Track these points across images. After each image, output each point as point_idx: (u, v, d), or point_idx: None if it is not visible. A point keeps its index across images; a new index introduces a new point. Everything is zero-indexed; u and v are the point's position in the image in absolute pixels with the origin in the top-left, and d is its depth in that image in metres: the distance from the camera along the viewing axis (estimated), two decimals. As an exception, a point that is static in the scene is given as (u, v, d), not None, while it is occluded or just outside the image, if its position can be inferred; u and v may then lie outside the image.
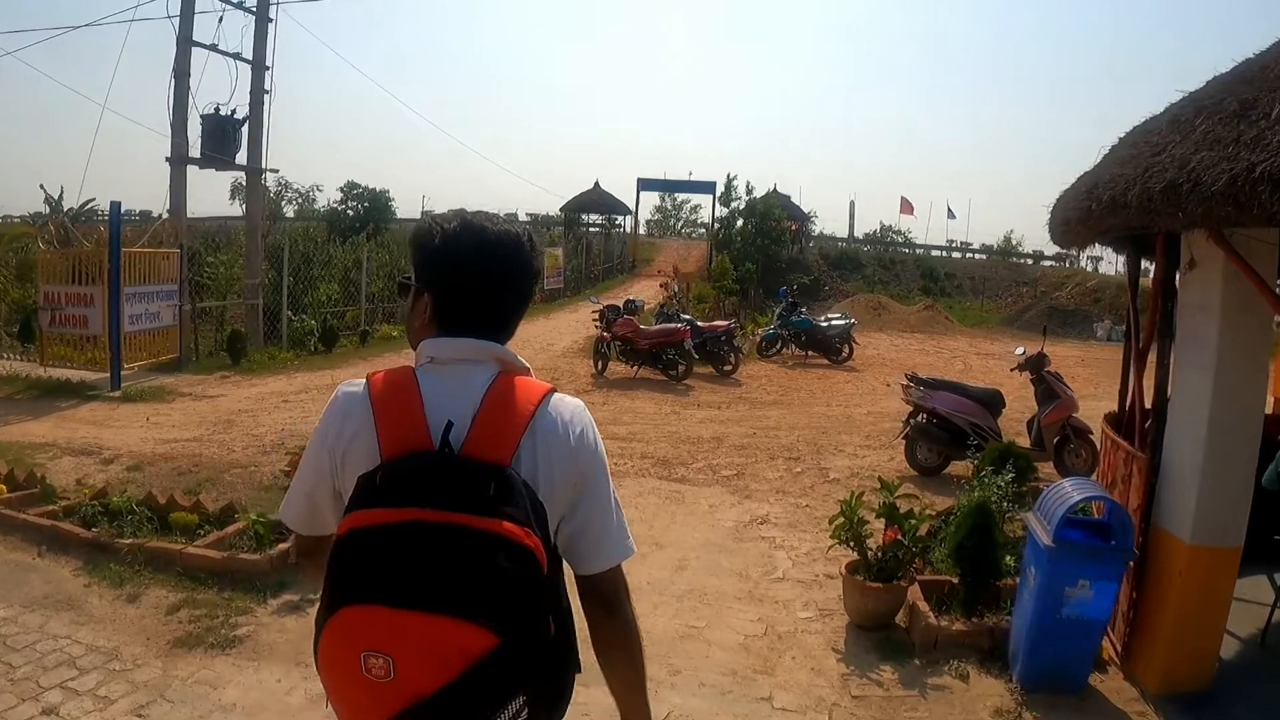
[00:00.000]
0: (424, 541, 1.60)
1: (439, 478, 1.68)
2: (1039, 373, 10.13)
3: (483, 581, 1.60)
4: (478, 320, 1.93)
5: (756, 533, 7.51)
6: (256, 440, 10.32)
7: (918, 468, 9.82)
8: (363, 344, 20.41)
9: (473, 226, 1.93)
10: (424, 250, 1.95)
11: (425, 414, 1.80)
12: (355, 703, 1.65)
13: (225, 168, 19.81)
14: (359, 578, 1.60)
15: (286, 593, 5.83)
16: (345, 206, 50.93)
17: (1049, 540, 4.91)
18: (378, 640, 1.57)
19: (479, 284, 1.93)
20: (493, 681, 1.61)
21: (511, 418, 1.82)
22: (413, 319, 1.98)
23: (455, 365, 1.89)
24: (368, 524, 1.63)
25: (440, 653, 1.57)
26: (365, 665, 1.58)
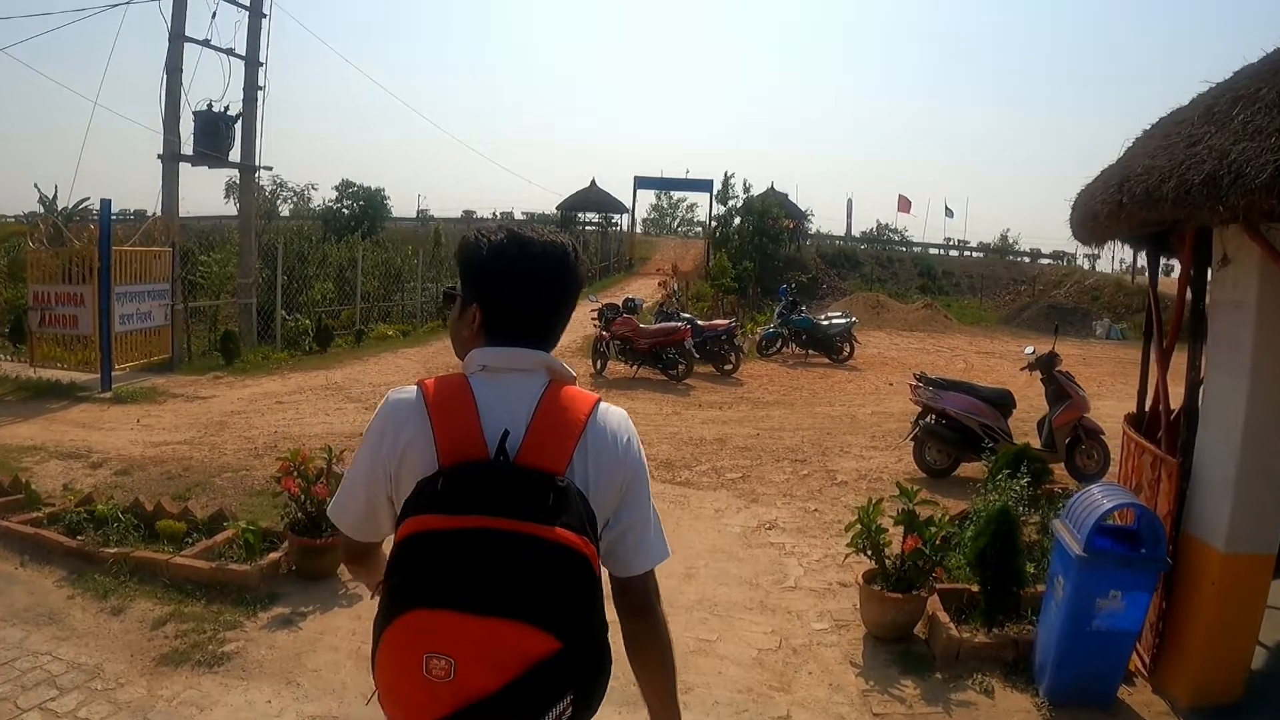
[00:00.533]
0: (489, 548, 1.66)
1: (502, 486, 1.73)
2: (1050, 372, 9.89)
3: (545, 588, 1.67)
4: (526, 329, 1.97)
5: (765, 538, 7.27)
6: (249, 443, 10.07)
7: (927, 469, 9.59)
8: (358, 343, 20.15)
9: (519, 238, 1.97)
10: (472, 262, 1.99)
11: (480, 421, 1.85)
12: (411, 701, 1.70)
13: (218, 165, 19.56)
14: (425, 582, 1.67)
15: (277, 605, 5.58)
16: (340, 205, 50.66)
17: (1080, 550, 4.68)
18: (442, 643, 1.64)
19: (527, 294, 1.97)
20: (548, 683, 1.68)
21: (565, 427, 1.87)
22: (460, 328, 2.03)
23: (507, 374, 1.93)
24: (431, 529, 1.69)
25: (502, 656, 1.64)
26: (427, 666, 1.65)
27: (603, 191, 54.25)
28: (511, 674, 1.65)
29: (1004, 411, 9.71)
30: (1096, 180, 5.55)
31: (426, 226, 54.52)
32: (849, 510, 8.11)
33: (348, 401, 12.92)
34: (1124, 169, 5.03)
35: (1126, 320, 39.26)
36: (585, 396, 1.95)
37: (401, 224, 56.96)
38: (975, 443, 9.43)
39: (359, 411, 12.09)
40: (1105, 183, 5.21)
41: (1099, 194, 5.21)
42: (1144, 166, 4.73)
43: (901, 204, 58.86)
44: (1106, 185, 5.14)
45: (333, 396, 13.37)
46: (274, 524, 6.28)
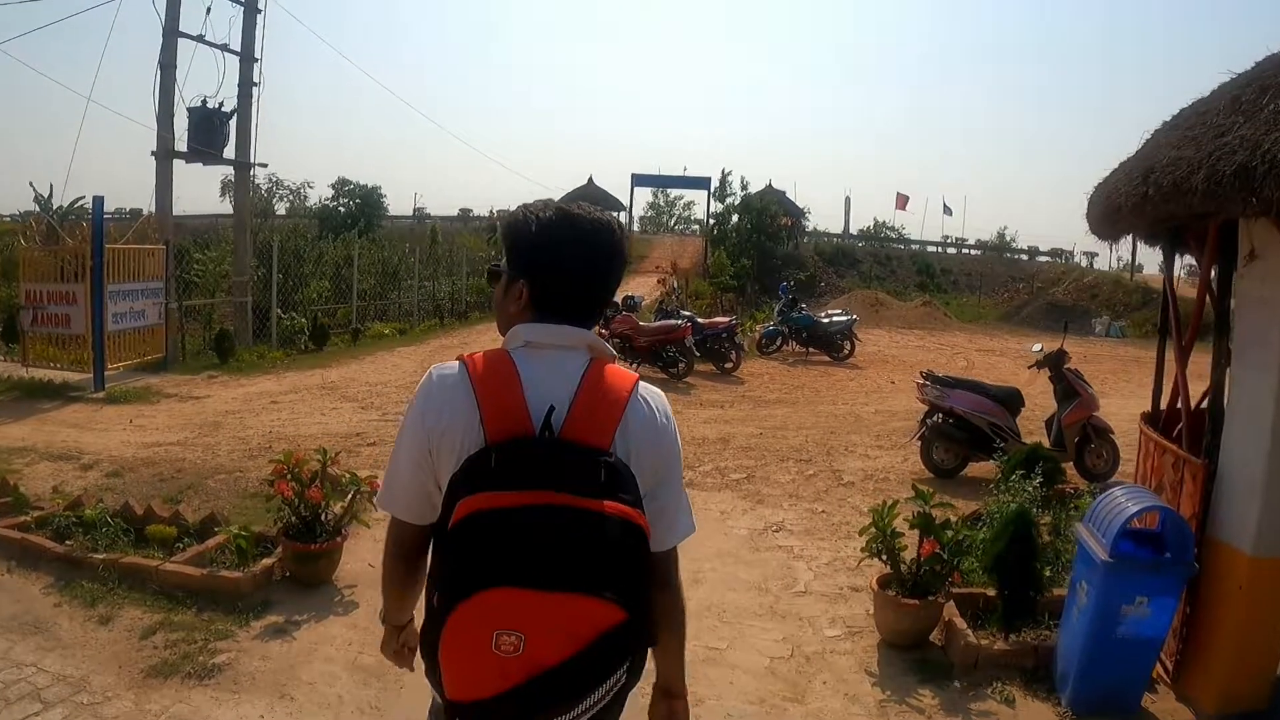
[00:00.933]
0: (552, 524, 1.68)
1: (556, 462, 1.76)
2: (1058, 370, 9.73)
3: (609, 560, 1.71)
4: (571, 306, 1.99)
5: (773, 541, 7.09)
6: (242, 443, 9.88)
7: (934, 469, 9.41)
8: (354, 342, 19.99)
9: (569, 214, 1.98)
10: (520, 238, 2.00)
11: (525, 397, 1.86)
12: (475, 676, 1.71)
13: (212, 162, 19.37)
14: (491, 560, 1.67)
15: (270, 614, 5.37)
16: (337, 203, 50.47)
17: (1105, 555, 4.51)
18: (512, 620, 1.65)
19: (575, 271, 1.98)
20: (611, 652, 1.73)
21: (608, 404, 1.90)
22: (506, 304, 2.04)
23: (551, 350, 1.95)
24: (490, 506, 1.70)
25: (571, 628, 1.67)
26: (496, 643, 1.66)
27: (600, 189, 54.07)
28: (580, 644, 1.69)
29: (1012, 410, 9.55)
30: (1116, 173, 5.37)
31: (423, 225, 54.39)
32: (857, 512, 7.96)
33: (344, 401, 12.74)
34: (1147, 161, 4.85)
35: (1126, 318, 39.19)
36: (626, 375, 1.99)
37: (398, 222, 56.87)
38: (984, 442, 9.26)
39: (355, 411, 11.91)
40: (1128, 175, 5.02)
41: (1121, 187, 5.03)
42: (1170, 158, 4.56)
43: (899, 201, 58.76)
44: (1129, 178, 4.96)
45: (328, 396, 13.19)
46: (267, 528, 6.07)
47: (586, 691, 1.75)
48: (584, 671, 1.72)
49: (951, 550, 5.30)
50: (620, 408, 1.91)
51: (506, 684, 1.69)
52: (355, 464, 8.88)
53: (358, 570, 6.01)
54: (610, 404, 1.90)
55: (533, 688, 1.70)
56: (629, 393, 1.95)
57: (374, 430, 10.61)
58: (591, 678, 1.74)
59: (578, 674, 1.72)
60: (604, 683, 1.76)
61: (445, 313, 26.30)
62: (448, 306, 27.24)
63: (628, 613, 1.72)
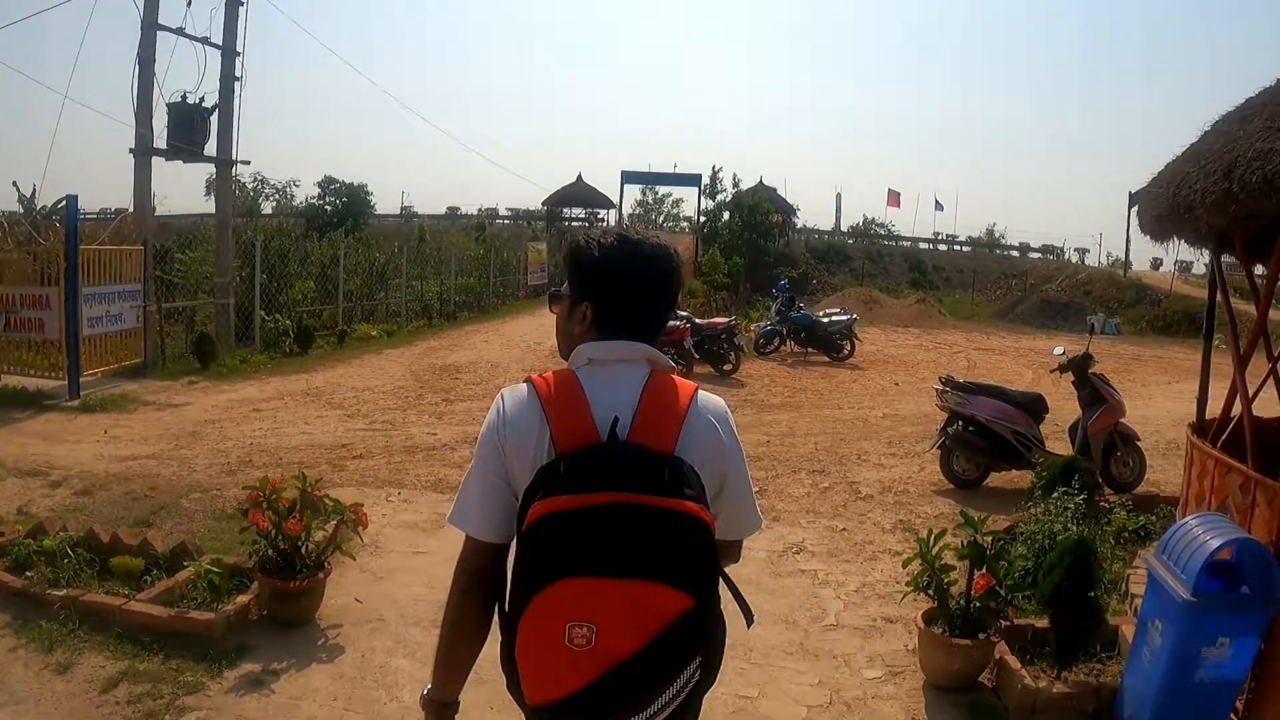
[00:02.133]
0: (619, 519, 1.77)
1: (621, 464, 1.84)
2: (1083, 374, 9.22)
3: (675, 551, 1.79)
4: (634, 325, 2.09)
5: (794, 564, 6.57)
6: (221, 456, 9.32)
7: (954, 480, 8.91)
8: (340, 344, 19.37)
9: (630, 241, 2.11)
10: (584, 263, 2.12)
11: (591, 411, 1.95)
12: (553, 675, 1.80)
13: (193, 159, 18.71)
14: (563, 555, 1.77)
15: (246, 661, 4.80)
16: (323, 202, 49.74)
17: (1187, 594, 4.01)
18: (584, 611, 1.75)
19: (637, 292, 2.10)
20: (681, 642, 1.80)
21: (669, 412, 1.99)
22: (571, 326, 2.15)
23: (613, 365, 2.05)
24: (562, 509, 1.79)
25: (641, 617, 1.76)
26: (569, 636, 1.75)
27: (589, 186, 53.50)
28: (649, 635, 1.76)
29: (1036, 417, 9.04)
30: (1184, 169, 4.87)
31: (411, 223, 53.85)
32: (879, 529, 7.47)
33: (329, 409, 12.16)
34: (1227, 155, 4.35)
35: (1120, 314, 38.86)
36: (686, 385, 2.09)
37: (385, 221, 56.31)
38: (1007, 451, 8.77)
39: (340, 419, 11.35)
40: (1203, 170, 4.52)
41: (1195, 183, 4.53)
42: (1257, 151, 4.07)
43: (891, 198, 58.55)
44: (1206, 173, 4.47)
45: (313, 403, 12.62)
46: (243, 558, 5.50)
47: (660, 687, 1.82)
48: (656, 664, 1.79)
49: (1009, 585, 4.77)
50: (681, 414, 2.00)
51: (583, 680, 1.77)
52: (341, 479, 8.35)
53: (342, 607, 5.48)
54: (671, 411, 1.99)
55: (607, 683, 1.77)
56: (689, 401, 2.03)
57: (361, 441, 10.06)
58: (664, 671, 1.81)
59: (650, 667, 1.79)
60: (677, 677, 1.83)
61: (434, 313, 25.68)
62: (436, 307, 26.61)
63: (694, 599, 1.79)
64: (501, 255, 34.17)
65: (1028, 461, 8.88)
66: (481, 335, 22.27)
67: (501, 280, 33.26)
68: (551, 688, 1.81)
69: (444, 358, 17.85)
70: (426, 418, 11.67)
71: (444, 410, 12.22)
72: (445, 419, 11.59)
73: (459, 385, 14.46)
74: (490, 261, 31.89)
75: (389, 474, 8.65)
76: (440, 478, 8.58)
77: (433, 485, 8.32)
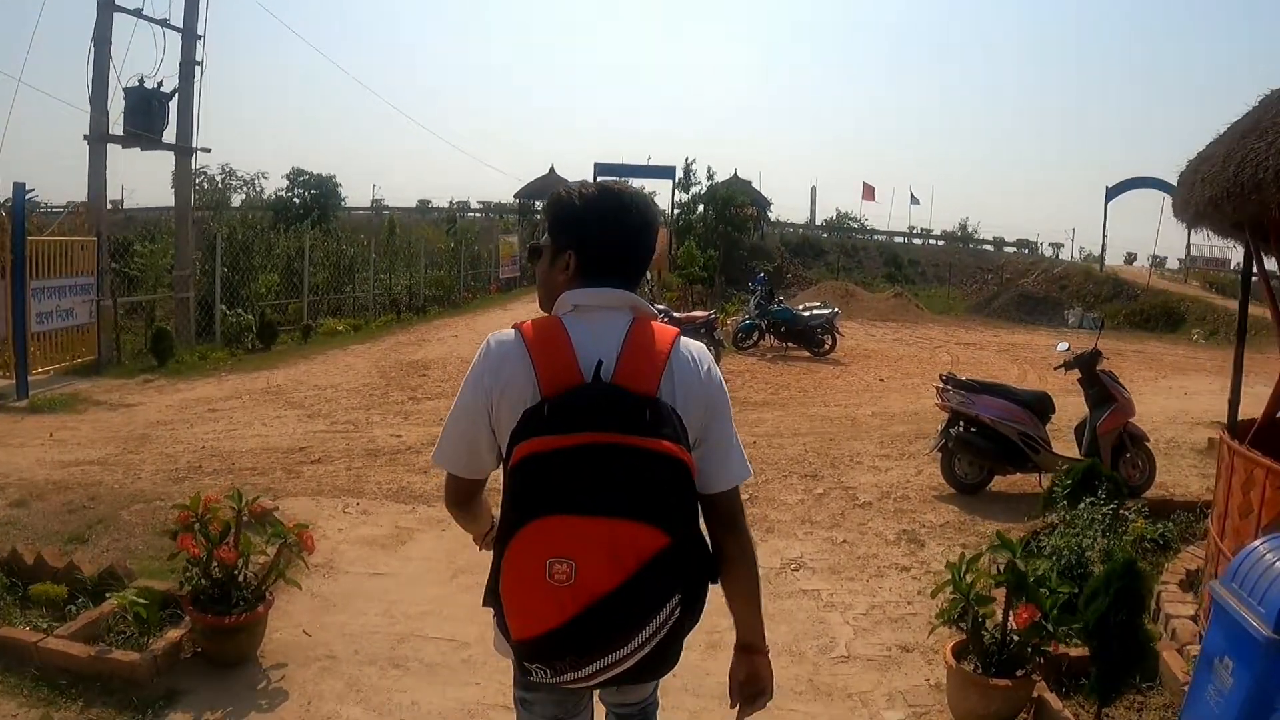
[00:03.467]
0: (598, 459, 1.86)
1: (603, 406, 1.93)
2: (1091, 372, 8.68)
3: (652, 489, 1.88)
4: (617, 270, 2.17)
5: (794, 584, 5.96)
6: (170, 462, 8.61)
7: (956, 485, 8.35)
8: (305, 340, 18.61)
9: (610, 190, 2.20)
10: (566, 212, 2.20)
11: (576, 355, 2.03)
12: (536, 612, 1.89)
13: (151, 146, 17.86)
14: (543, 493, 1.87)
15: (176, 709, 4.10)
16: (292, 194, 48.66)
17: (1269, 630, 3.44)
18: (563, 546, 1.85)
19: (618, 239, 2.18)
20: (659, 579, 1.88)
21: (651, 356, 2.07)
22: (554, 274, 2.21)
23: (597, 311, 2.13)
24: (543, 449, 1.89)
25: (618, 552, 1.84)
26: (550, 571, 1.84)
27: (561, 178, 52.61)
28: (627, 571, 1.84)
29: (1042, 417, 8.49)
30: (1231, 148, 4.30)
31: (381, 216, 53.06)
32: (882, 540, 6.89)
33: (288, 408, 11.46)
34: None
35: (1097, 309, 38.61)
36: (667, 329, 2.15)
37: (356, 214, 55.46)
38: (1013, 453, 8.22)
39: (300, 420, 10.65)
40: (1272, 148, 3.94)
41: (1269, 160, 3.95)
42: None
43: (866, 192, 58.01)
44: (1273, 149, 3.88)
45: (272, 402, 11.90)
46: (176, 585, 4.80)
47: (640, 623, 1.89)
48: (635, 601, 1.86)
49: (1057, 616, 4.19)
50: (663, 358, 2.06)
51: (564, 616, 1.86)
52: (295, 487, 7.68)
53: (288, 642, 4.77)
54: (654, 355, 2.06)
55: (588, 618, 1.85)
56: (670, 344, 2.10)
57: (320, 444, 9.37)
58: (643, 608, 1.88)
59: (629, 603, 1.86)
60: (656, 614, 1.90)
61: (402, 307, 24.91)
62: (405, 301, 25.84)
63: (670, 538, 1.88)
64: (473, 248, 33.42)
65: (1033, 464, 8.34)
66: (451, 330, 21.52)
67: (473, 274, 32.56)
68: (534, 623, 1.89)
69: (412, 353, 17.14)
70: (391, 418, 11.01)
71: (410, 410, 11.55)
72: (411, 419, 10.93)
73: (427, 383, 13.78)
74: (461, 254, 31.16)
75: (348, 481, 7.97)
76: (403, 485, 7.91)
77: (394, 494, 7.64)
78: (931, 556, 6.59)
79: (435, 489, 7.73)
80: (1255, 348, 27.47)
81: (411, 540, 6.43)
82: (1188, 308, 37.55)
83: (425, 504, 7.32)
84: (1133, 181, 49.17)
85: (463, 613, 5.13)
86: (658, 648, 1.95)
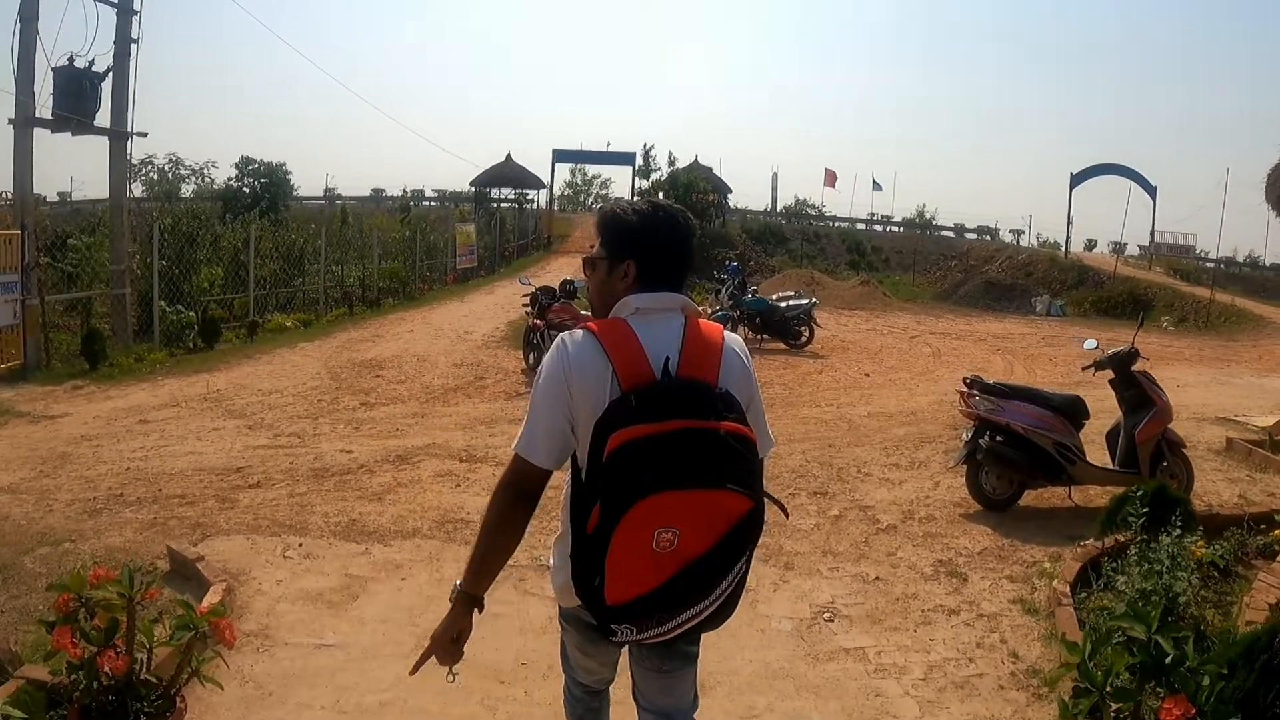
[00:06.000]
0: (690, 441, 2.18)
1: (684, 396, 2.25)
2: (1126, 373, 7.77)
3: (736, 463, 2.22)
4: (670, 276, 2.49)
5: (831, 639, 4.95)
6: (89, 488, 7.45)
7: (984, 501, 7.42)
8: (250, 338, 17.32)
9: (658, 207, 2.54)
10: (625, 227, 2.50)
11: (646, 353, 2.33)
12: (637, 576, 2.20)
13: (82, 130, 16.52)
14: (648, 475, 2.15)
15: None
16: (241, 183, 47.03)
17: None
18: (670, 517, 2.16)
19: (670, 247, 2.50)
20: (741, 539, 2.27)
21: (709, 350, 2.40)
22: (613, 282, 2.50)
23: (656, 313, 2.44)
24: (638, 436, 2.17)
25: (714, 520, 2.21)
26: (656, 541, 2.16)
27: (519, 166, 51.68)
28: (718, 535, 2.22)
29: (1076, 423, 7.57)
30: None
31: (334, 206, 51.74)
32: (918, 574, 5.96)
33: (228, 418, 10.28)
34: None
35: (1063, 296, 38.17)
36: (716, 327, 2.51)
37: (308, 204, 54.10)
38: (1048, 465, 7.30)
39: (239, 433, 9.48)
40: None
41: None
42: None
43: (828, 178, 57.57)
44: None
45: (210, 411, 10.70)
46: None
47: (721, 578, 2.28)
48: (721, 559, 2.25)
49: (1215, 711, 3.22)
50: (718, 351, 2.42)
51: (661, 578, 2.19)
52: (228, 522, 6.55)
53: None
54: (711, 350, 2.40)
55: (681, 579, 2.21)
56: (721, 341, 2.46)
57: (260, 463, 8.20)
58: (725, 565, 2.27)
59: (716, 561, 2.24)
60: (734, 568, 2.31)
61: (355, 300, 23.61)
62: (358, 293, 24.54)
63: (753, 502, 2.26)
64: (428, 237, 32.08)
65: (1067, 476, 7.43)
66: (406, 324, 20.27)
67: (428, 264, 31.26)
68: (632, 587, 2.20)
69: (365, 351, 15.93)
70: (341, 428, 9.87)
71: (362, 418, 10.41)
72: (364, 429, 9.80)
73: (381, 385, 12.61)
74: (416, 244, 29.85)
75: (290, 513, 6.80)
76: (354, 518, 6.72)
77: (344, 530, 6.47)
78: (979, 594, 5.66)
79: (391, 521, 6.66)
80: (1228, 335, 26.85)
81: (365, 594, 5.29)
82: (1155, 294, 37.23)
83: (380, 542, 6.23)
84: (1098, 168, 48.99)
85: (432, 701, 4.07)
86: (729, 597, 2.34)
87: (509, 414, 10.86)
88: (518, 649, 4.69)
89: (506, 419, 10.54)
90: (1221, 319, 32.13)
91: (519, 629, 4.89)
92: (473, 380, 12.81)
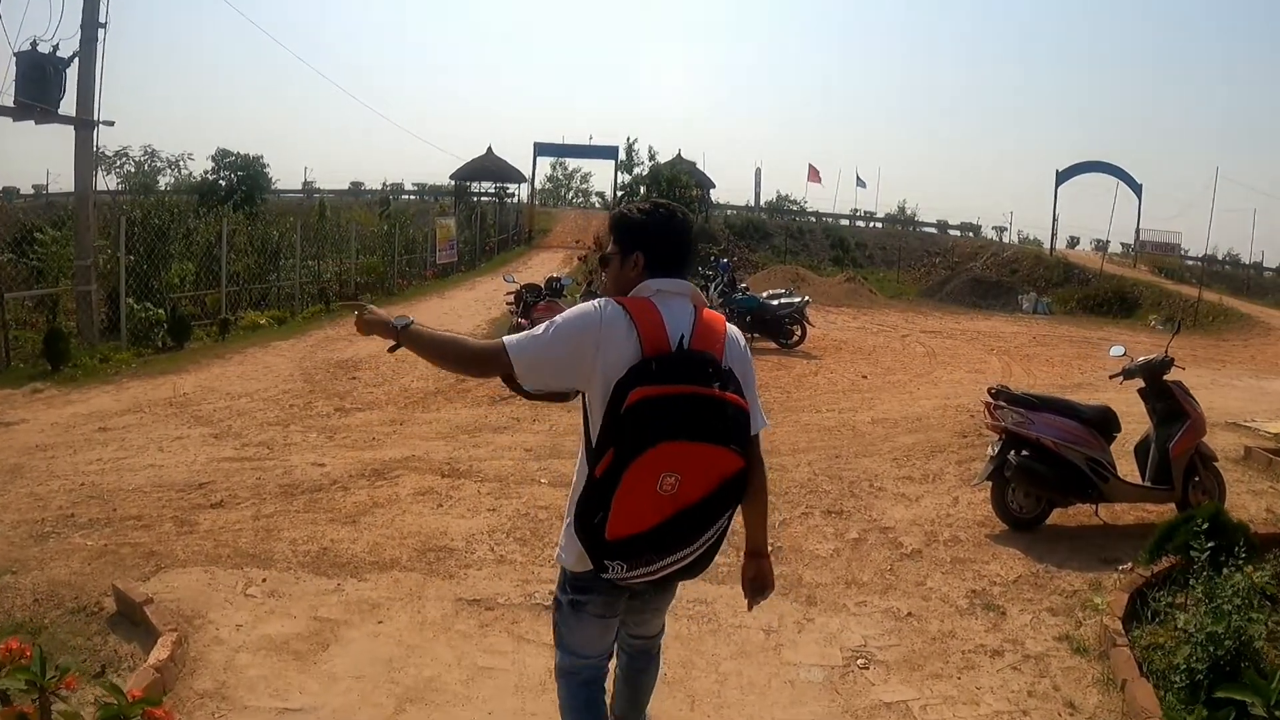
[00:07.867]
0: (698, 404, 2.58)
1: (696, 366, 2.65)
2: (1158, 382, 7.25)
3: (733, 426, 2.65)
4: (676, 264, 2.91)
5: (870, 692, 4.37)
6: (39, 506, 6.77)
7: (1009, 520, 6.87)
8: (222, 336, 16.62)
9: (665, 205, 2.97)
10: (634, 224, 2.93)
11: (666, 327, 2.71)
12: (638, 513, 2.57)
13: (46, 119, 15.75)
14: (661, 426, 2.53)
15: None
16: (217, 176, 46.09)
17: None
18: (675, 463, 2.54)
19: (675, 240, 2.92)
20: (729, 494, 2.66)
21: (716, 333, 2.80)
22: (626, 272, 2.90)
23: (673, 296, 2.83)
24: (656, 394, 2.56)
25: (711, 472, 2.59)
26: (661, 483, 2.53)
27: (500, 159, 50.87)
28: (711, 485, 2.60)
29: (1107, 436, 7.03)
30: None
31: (313, 199, 50.89)
32: (953, 608, 5.45)
33: (194, 425, 9.60)
34: None
35: (1049, 293, 37.86)
36: (719, 316, 2.91)
37: (287, 196, 53.20)
38: (1079, 482, 6.77)
39: (205, 443, 8.81)
40: None
41: None
42: None
43: (811, 174, 57.07)
44: None
45: (175, 417, 10.02)
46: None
47: (707, 528, 2.67)
48: (710, 509, 2.63)
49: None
50: (723, 333, 2.83)
51: (658, 518, 2.56)
52: (186, 549, 5.89)
53: None
54: (716, 332, 2.80)
55: (675, 521, 2.58)
56: (724, 326, 2.87)
57: (224, 478, 7.55)
58: (713, 515, 2.66)
59: (706, 510, 2.62)
60: (719, 520, 2.69)
61: (332, 296, 22.87)
62: (335, 289, 23.87)
63: (744, 461, 2.67)
64: (407, 232, 31.29)
65: (1098, 493, 6.89)
66: (386, 323, 19.59)
67: (407, 259, 30.51)
68: (633, 523, 2.56)
69: (341, 351, 15.24)
70: (314, 436, 9.22)
71: (337, 425, 9.76)
72: (338, 439, 9.14)
73: (357, 388, 11.96)
74: (395, 239, 29.07)
75: (254, 539, 6.13)
76: (325, 546, 6.04)
77: (314, 561, 5.78)
78: (1022, 631, 5.11)
79: (366, 549, 6.01)
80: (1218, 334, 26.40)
81: (336, 641, 4.61)
82: (1141, 292, 36.96)
83: (354, 575, 5.56)
84: (1084, 165, 48.79)
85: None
86: (708, 550, 2.75)
87: (493, 421, 10.24)
88: (514, 710, 4.08)
89: (491, 427, 9.92)
90: (1209, 318, 31.77)
91: (515, 686, 4.26)
92: (454, 383, 12.13)
